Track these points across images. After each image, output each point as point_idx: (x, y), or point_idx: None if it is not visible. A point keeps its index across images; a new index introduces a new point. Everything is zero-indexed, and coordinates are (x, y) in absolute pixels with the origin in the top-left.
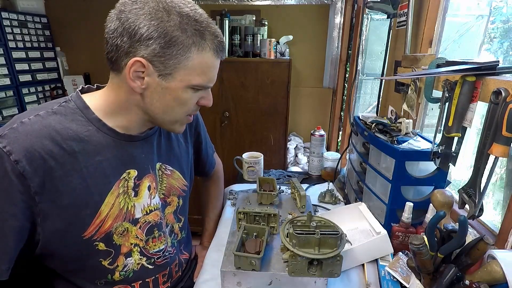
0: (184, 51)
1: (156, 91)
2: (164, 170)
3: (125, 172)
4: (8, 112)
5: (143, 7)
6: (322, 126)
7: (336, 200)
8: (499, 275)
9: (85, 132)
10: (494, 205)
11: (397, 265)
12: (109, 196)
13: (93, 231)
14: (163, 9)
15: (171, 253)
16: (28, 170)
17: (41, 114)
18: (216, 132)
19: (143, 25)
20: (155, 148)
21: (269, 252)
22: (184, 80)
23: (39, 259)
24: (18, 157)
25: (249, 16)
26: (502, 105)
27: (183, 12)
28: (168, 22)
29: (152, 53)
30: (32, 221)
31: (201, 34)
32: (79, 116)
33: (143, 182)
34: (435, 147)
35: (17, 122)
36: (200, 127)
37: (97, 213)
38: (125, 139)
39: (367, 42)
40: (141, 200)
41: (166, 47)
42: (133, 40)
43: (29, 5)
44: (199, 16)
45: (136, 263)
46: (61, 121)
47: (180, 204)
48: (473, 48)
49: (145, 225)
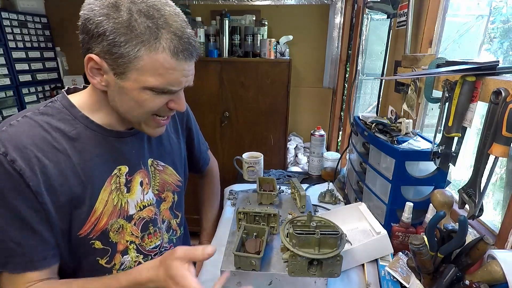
0: (132, 50)
1: (115, 89)
2: (157, 166)
3: (116, 169)
4: (8, 112)
5: (93, 2)
6: (322, 126)
7: (336, 200)
8: (499, 275)
9: (73, 131)
10: (494, 205)
11: (397, 265)
12: (102, 192)
13: (88, 229)
14: (112, 5)
15: (167, 249)
16: (25, 169)
17: (28, 115)
18: (216, 132)
19: (93, 21)
20: (146, 144)
21: (269, 252)
22: (138, 80)
23: None
24: (13, 156)
25: (249, 16)
26: (502, 105)
27: (137, 8)
28: (115, 19)
29: (103, 51)
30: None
31: (154, 32)
32: (66, 115)
33: (135, 178)
34: (435, 147)
35: (6, 125)
36: (191, 123)
37: (92, 210)
38: (113, 135)
39: (367, 42)
40: (134, 196)
41: (113, 45)
42: (88, 36)
43: (29, 5)
44: (156, 13)
45: (133, 261)
46: (49, 121)
47: (175, 199)
48: (473, 48)
49: (139, 221)
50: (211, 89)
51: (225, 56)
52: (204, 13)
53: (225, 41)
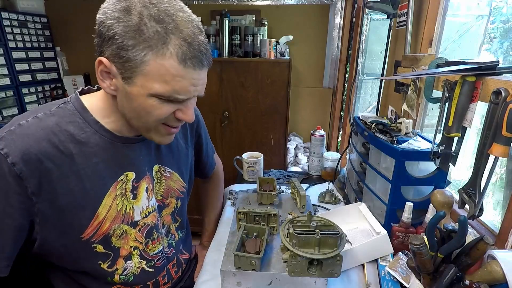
0: (139, 55)
1: (122, 94)
2: (164, 172)
3: (122, 175)
4: (8, 112)
5: (107, 6)
6: (322, 126)
7: (336, 200)
8: (499, 275)
9: (82, 134)
10: (494, 205)
11: (397, 265)
12: (106, 198)
13: (91, 232)
14: (124, 8)
15: (167, 253)
16: (25, 172)
17: (39, 116)
18: (216, 132)
19: (105, 24)
20: (153, 150)
21: (269, 252)
22: (144, 86)
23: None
24: (15, 159)
25: (249, 16)
26: (502, 105)
27: (148, 12)
28: (125, 22)
29: (113, 54)
30: (30, 220)
31: (162, 37)
32: (77, 118)
33: (141, 185)
34: (435, 147)
35: (15, 124)
36: (201, 129)
37: (95, 215)
38: (122, 141)
39: (367, 42)
40: (140, 202)
41: (121, 48)
42: (101, 39)
43: (29, 5)
44: (167, 18)
45: (136, 267)
46: (58, 122)
47: (178, 205)
48: (473, 48)
49: (144, 227)
50: (211, 89)
51: (225, 56)
52: (204, 13)
53: (225, 41)
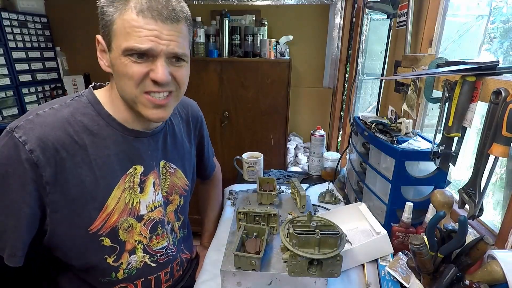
0: (110, 17)
1: (112, 68)
2: (169, 168)
3: (131, 168)
4: (8, 112)
5: None
6: (322, 126)
7: (336, 200)
8: (499, 275)
9: (95, 126)
10: (494, 205)
11: (397, 265)
12: (115, 190)
13: (99, 225)
14: None
15: (173, 251)
16: (42, 160)
17: (55, 107)
18: (216, 132)
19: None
20: (161, 146)
21: (269, 252)
22: (117, 47)
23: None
24: (32, 146)
25: (249, 16)
26: (502, 105)
27: None
28: None
29: (101, 27)
30: (43, 210)
31: None
32: (91, 110)
33: (149, 179)
34: (435, 147)
35: (33, 114)
36: (203, 130)
37: (104, 206)
38: (132, 134)
39: (367, 42)
40: (147, 196)
41: (102, 18)
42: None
43: (29, 5)
44: None
45: (139, 261)
46: (73, 113)
47: (181, 203)
48: (473, 48)
49: (149, 222)
50: (211, 89)
51: (225, 56)
52: (204, 13)
53: (225, 41)
